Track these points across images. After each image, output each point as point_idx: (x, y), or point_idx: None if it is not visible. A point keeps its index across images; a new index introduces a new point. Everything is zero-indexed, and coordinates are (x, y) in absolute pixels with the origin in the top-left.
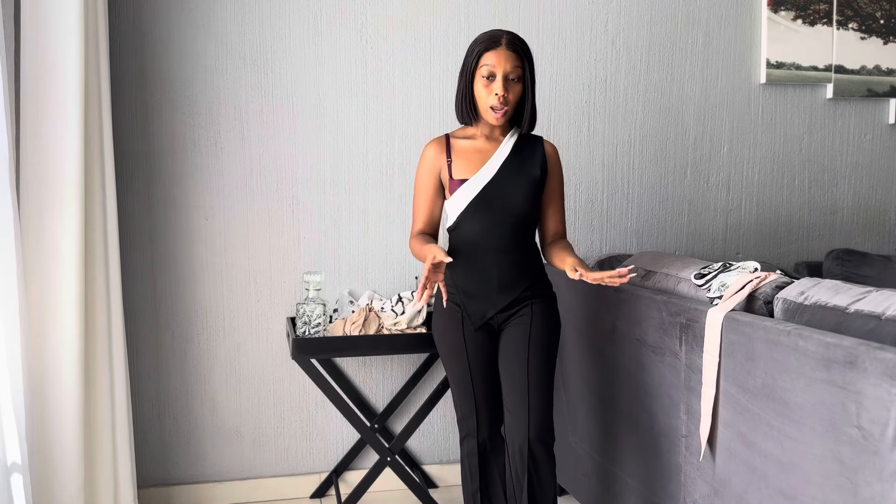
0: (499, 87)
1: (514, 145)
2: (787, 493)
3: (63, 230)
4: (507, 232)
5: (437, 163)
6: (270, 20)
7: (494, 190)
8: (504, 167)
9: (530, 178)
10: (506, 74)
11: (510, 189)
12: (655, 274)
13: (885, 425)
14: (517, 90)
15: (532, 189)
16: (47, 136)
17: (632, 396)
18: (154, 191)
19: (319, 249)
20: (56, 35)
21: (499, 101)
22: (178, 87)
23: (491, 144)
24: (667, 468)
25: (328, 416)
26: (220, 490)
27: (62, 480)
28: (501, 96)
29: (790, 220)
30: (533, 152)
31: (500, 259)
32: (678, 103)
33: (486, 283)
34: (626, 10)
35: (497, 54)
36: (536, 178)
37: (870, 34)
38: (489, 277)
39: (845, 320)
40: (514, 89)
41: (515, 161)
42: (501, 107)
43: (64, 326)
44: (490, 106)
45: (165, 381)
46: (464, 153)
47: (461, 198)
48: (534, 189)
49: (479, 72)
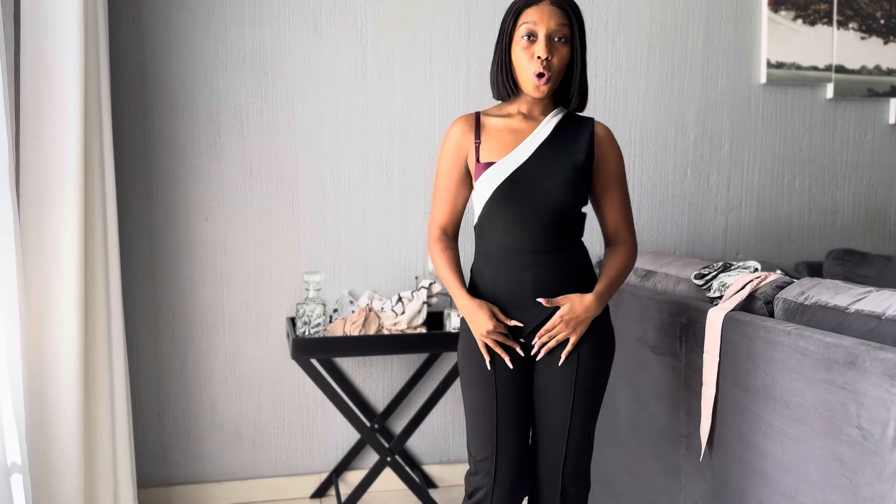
0: (541, 48)
1: (557, 125)
2: (787, 493)
3: (63, 230)
4: (543, 228)
5: (462, 145)
6: (270, 20)
7: (527, 176)
8: (541, 150)
9: (572, 164)
10: (549, 34)
11: (546, 176)
12: (655, 274)
13: (886, 425)
14: (563, 54)
15: (573, 177)
16: (47, 136)
17: (632, 396)
18: (154, 191)
19: (319, 249)
20: (56, 35)
21: (540, 64)
22: (178, 87)
23: (529, 124)
24: (667, 468)
25: (328, 416)
26: (220, 490)
27: (62, 480)
28: (544, 59)
29: (790, 220)
30: (578, 134)
31: (535, 261)
32: (678, 103)
33: (519, 292)
34: (626, 10)
35: (539, 10)
36: (579, 163)
37: (870, 34)
38: (523, 284)
39: (845, 320)
40: (559, 52)
41: (556, 143)
42: (544, 72)
43: (64, 326)
44: (532, 73)
45: (165, 381)
46: (495, 133)
47: (486, 184)
48: (575, 177)
49: (518, 32)
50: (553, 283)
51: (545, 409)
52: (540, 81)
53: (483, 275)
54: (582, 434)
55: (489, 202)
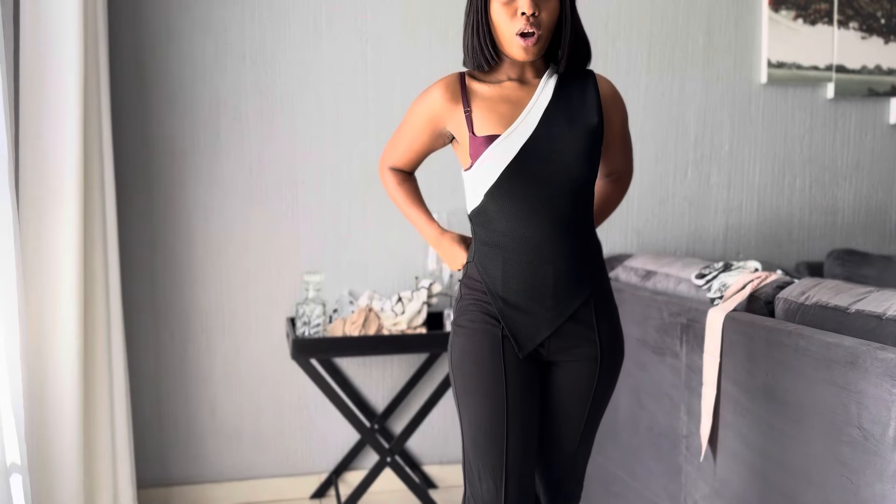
0: (525, 3)
1: (556, 87)
2: (787, 493)
3: (63, 230)
4: (561, 212)
5: (443, 112)
6: (270, 20)
7: (538, 150)
8: (546, 118)
9: (586, 129)
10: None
11: (561, 147)
12: (656, 274)
13: (886, 425)
14: (552, 7)
15: (590, 144)
16: (47, 136)
17: (632, 396)
18: (154, 191)
19: (319, 249)
20: (56, 35)
21: (526, 22)
22: (178, 87)
23: (525, 90)
24: (667, 468)
25: (328, 416)
26: (220, 490)
27: (62, 480)
28: (529, 16)
29: (791, 219)
30: (583, 93)
31: (556, 253)
32: (679, 103)
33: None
34: (626, 10)
35: None
36: (594, 126)
37: (871, 34)
38: (542, 278)
39: (846, 320)
40: (546, 6)
41: (561, 108)
42: (532, 31)
43: (64, 326)
44: (516, 33)
45: (165, 382)
46: (487, 102)
47: (493, 162)
48: (592, 144)
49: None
50: (572, 279)
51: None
52: (528, 42)
53: (487, 269)
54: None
55: (497, 183)
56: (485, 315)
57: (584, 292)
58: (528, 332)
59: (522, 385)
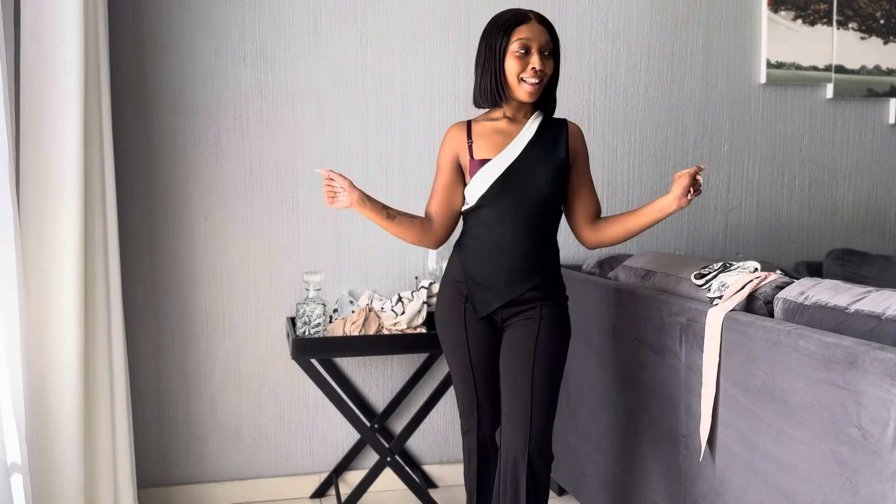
0: (536, 60)
1: (540, 127)
2: (787, 493)
3: (63, 230)
4: (527, 218)
5: (455, 145)
6: (270, 20)
7: (519, 171)
8: (529, 148)
9: (556, 161)
10: (541, 48)
11: (535, 171)
12: (655, 274)
13: (886, 425)
14: (550, 66)
15: (557, 172)
16: (47, 136)
17: (631, 396)
18: (154, 191)
19: (319, 249)
20: (56, 35)
21: (534, 74)
22: (178, 87)
23: (514, 126)
24: (666, 468)
25: (328, 416)
26: (220, 490)
27: (62, 480)
28: (539, 70)
29: (790, 220)
30: (558, 134)
31: (516, 247)
32: (678, 103)
33: (496, 272)
34: (626, 10)
35: (531, 28)
36: (562, 160)
37: (870, 34)
38: (500, 265)
39: (845, 320)
40: (547, 64)
41: (540, 142)
42: (537, 79)
43: (64, 326)
44: (523, 78)
45: (165, 381)
46: (485, 134)
47: (483, 178)
48: (559, 172)
49: (511, 48)
50: (526, 268)
51: (509, 372)
52: (532, 87)
53: (467, 255)
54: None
55: (485, 194)
56: (456, 293)
57: (532, 282)
58: (484, 301)
59: (481, 340)
